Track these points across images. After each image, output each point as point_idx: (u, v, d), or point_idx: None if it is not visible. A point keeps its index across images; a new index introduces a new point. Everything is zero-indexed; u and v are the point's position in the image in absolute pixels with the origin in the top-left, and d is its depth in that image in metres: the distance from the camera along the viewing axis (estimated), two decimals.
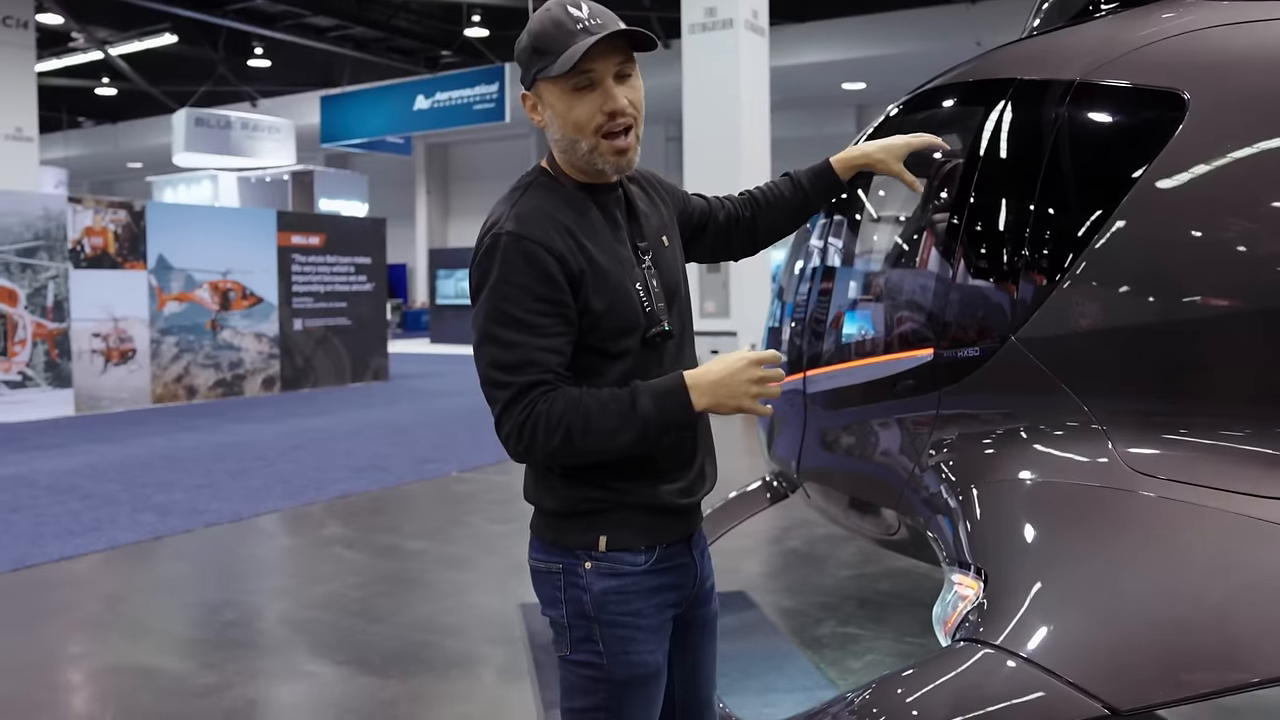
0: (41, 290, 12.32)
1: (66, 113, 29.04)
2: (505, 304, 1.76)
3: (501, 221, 1.81)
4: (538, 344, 1.75)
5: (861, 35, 20.47)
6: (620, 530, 1.87)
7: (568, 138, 1.84)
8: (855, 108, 26.54)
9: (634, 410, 1.76)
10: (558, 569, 1.90)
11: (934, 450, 2.71)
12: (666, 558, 1.93)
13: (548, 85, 1.82)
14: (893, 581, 5.03)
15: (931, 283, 2.84)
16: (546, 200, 1.85)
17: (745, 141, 12.25)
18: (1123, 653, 1.83)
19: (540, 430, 1.73)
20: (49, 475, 8.47)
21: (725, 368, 1.82)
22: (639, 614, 1.89)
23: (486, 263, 1.79)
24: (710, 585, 2.11)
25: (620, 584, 1.87)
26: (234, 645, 4.48)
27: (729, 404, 1.83)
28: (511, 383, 1.74)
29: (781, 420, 4.03)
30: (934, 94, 3.39)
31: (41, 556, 5.91)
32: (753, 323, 12.42)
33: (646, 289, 1.90)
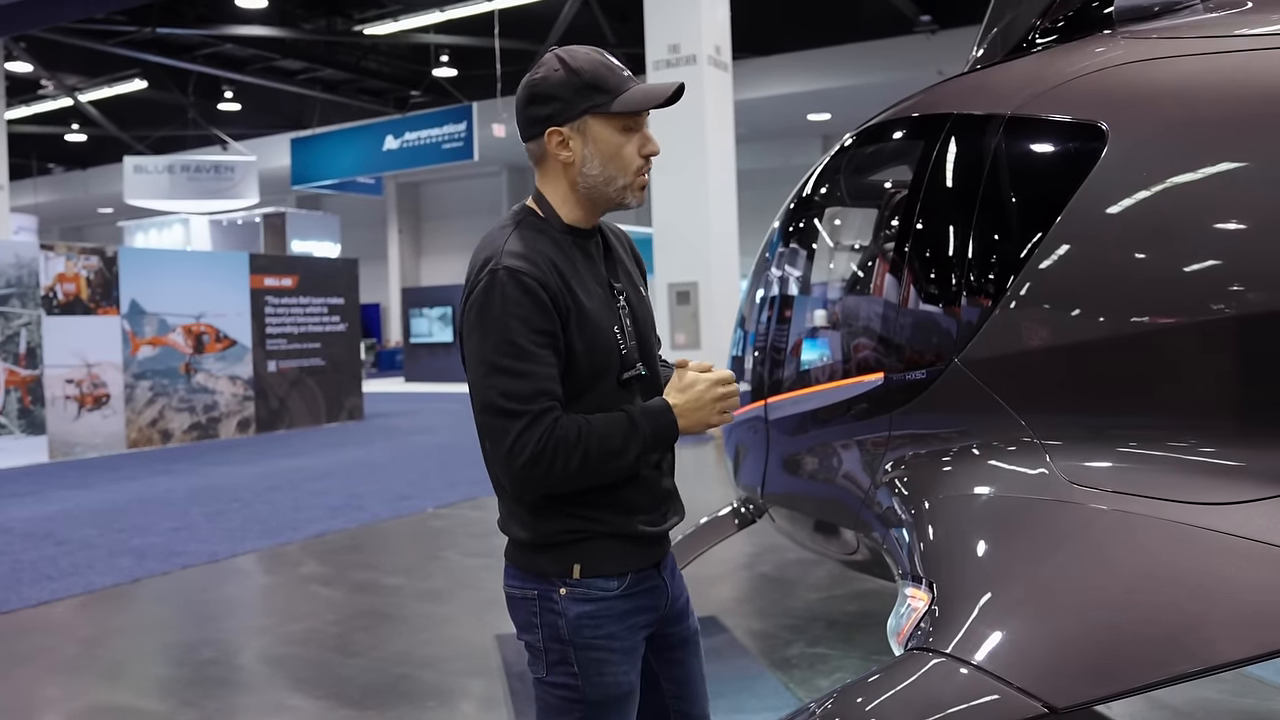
0: (14, 337, 12.32)
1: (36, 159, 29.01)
2: (511, 335, 1.82)
3: (498, 257, 1.87)
4: (544, 373, 1.83)
5: (825, 67, 20.77)
6: (593, 558, 1.95)
7: (607, 173, 1.95)
8: (821, 138, 26.83)
9: (635, 430, 1.88)
10: (533, 595, 1.97)
11: (888, 469, 2.82)
12: (638, 582, 2.01)
13: (600, 121, 1.93)
14: (860, 602, 5.13)
15: (881, 309, 2.96)
16: (536, 239, 1.93)
17: (712, 175, 12.43)
18: (1058, 654, 1.92)
19: (560, 453, 1.81)
20: (24, 522, 8.47)
21: (697, 394, 1.96)
22: (612, 637, 1.97)
23: (486, 297, 1.85)
24: (684, 602, 2.20)
25: (594, 609, 1.95)
26: (213, 683, 4.53)
27: (700, 423, 1.98)
28: (526, 410, 1.80)
29: (745, 447, 4.14)
30: (881, 128, 3.52)
31: (18, 602, 5.93)
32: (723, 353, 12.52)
33: (623, 331, 1.99)
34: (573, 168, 1.95)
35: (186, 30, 18.94)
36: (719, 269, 12.57)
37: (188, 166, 22.79)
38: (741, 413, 4.14)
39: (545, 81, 1.93)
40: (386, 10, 18.88)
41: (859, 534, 3.15)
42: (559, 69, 1.93)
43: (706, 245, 12.44)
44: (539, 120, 1.95)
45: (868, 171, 3.60)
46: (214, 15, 18.89)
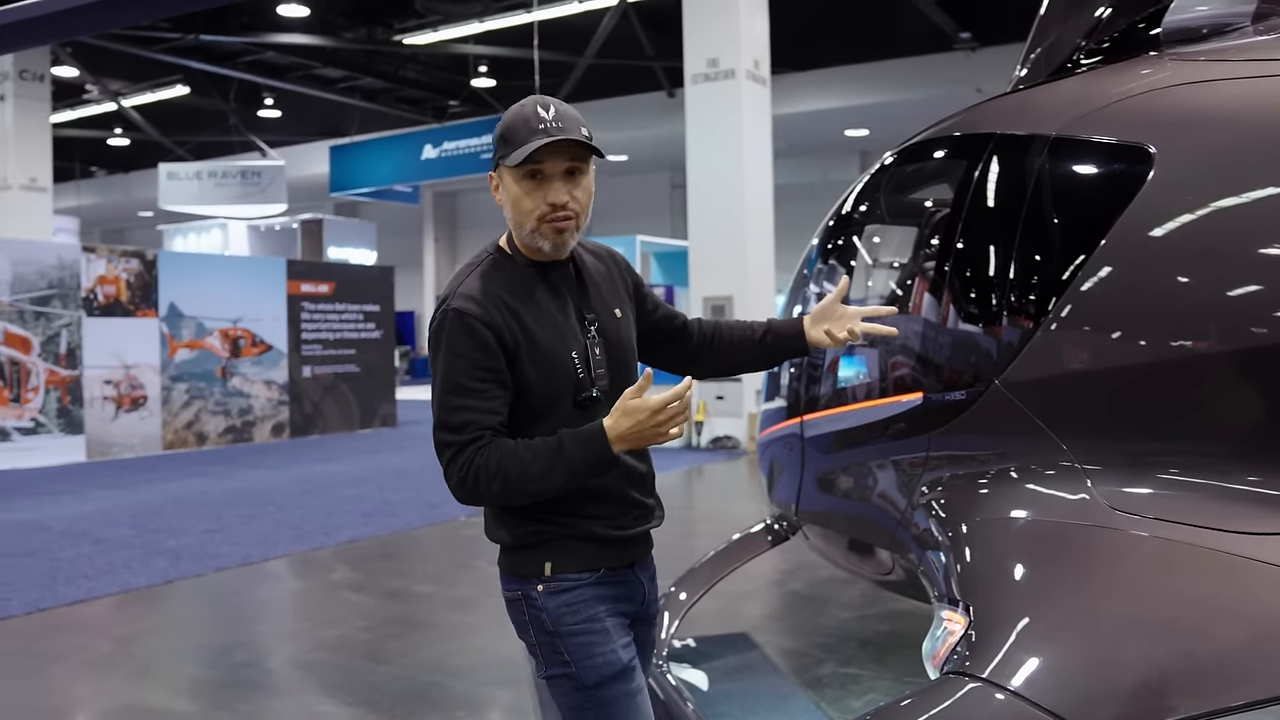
0: (55, 338, 12.48)
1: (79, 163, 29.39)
2: (452, 372, 2.02)
3: (450, 298, 2.06)
4: (478, 405, 2.00)
5: (864, 83, 20.72)
6: (562, 557, 2.10)
7: (517, 219, 2.09)
8: (858, 154, 26.76)
9: (560, 455, 1.99)
10: (519, 595, 2.12)
11: (925, 490, 2.81)
12: (610, 576, 2.14)
13: (506, 171, 2.08)
14: (894, 623, 5.10)
15: (920, 328, 2.94)
16: (493, 278, 2.09)
17: (749, 189, 12.42)
18: (1097, 682, 1.90)
19: (481, 479, 1.97)
20: (62, 520, 8.56)
21: (636, 423, 2.00)
22: (594, 619, 2.09)
23: (437, 336, 2.06)
24: (656, 609, 2.32)
25: (571, 596, 2.08)
26: (245, 686, 4.56)
27: (642, 443, 2.04)
28: (454, 441, 1.99)
29: (780, 464, 4.13)
30: (923, 146, 3.51)
31: (54, 600, 5.99)
32: None
33: (585, 357, 2.12)
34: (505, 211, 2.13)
35: (229, 38, 19.15)
36: (755, 283, 12.55)
37: (215, 172, 23.02)
38: (777, 429, 4.13)
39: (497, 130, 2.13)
40: (426, 20, 19.00)
41: (895, 554, 3.13)
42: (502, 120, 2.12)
43: (742, 259, 12.43)
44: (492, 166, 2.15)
45: (908, 190, 3.59)
46: (256, 23, 19.09)
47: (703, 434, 12.76)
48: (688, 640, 4.72)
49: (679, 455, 12.23)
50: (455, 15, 18.51)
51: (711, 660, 4.54)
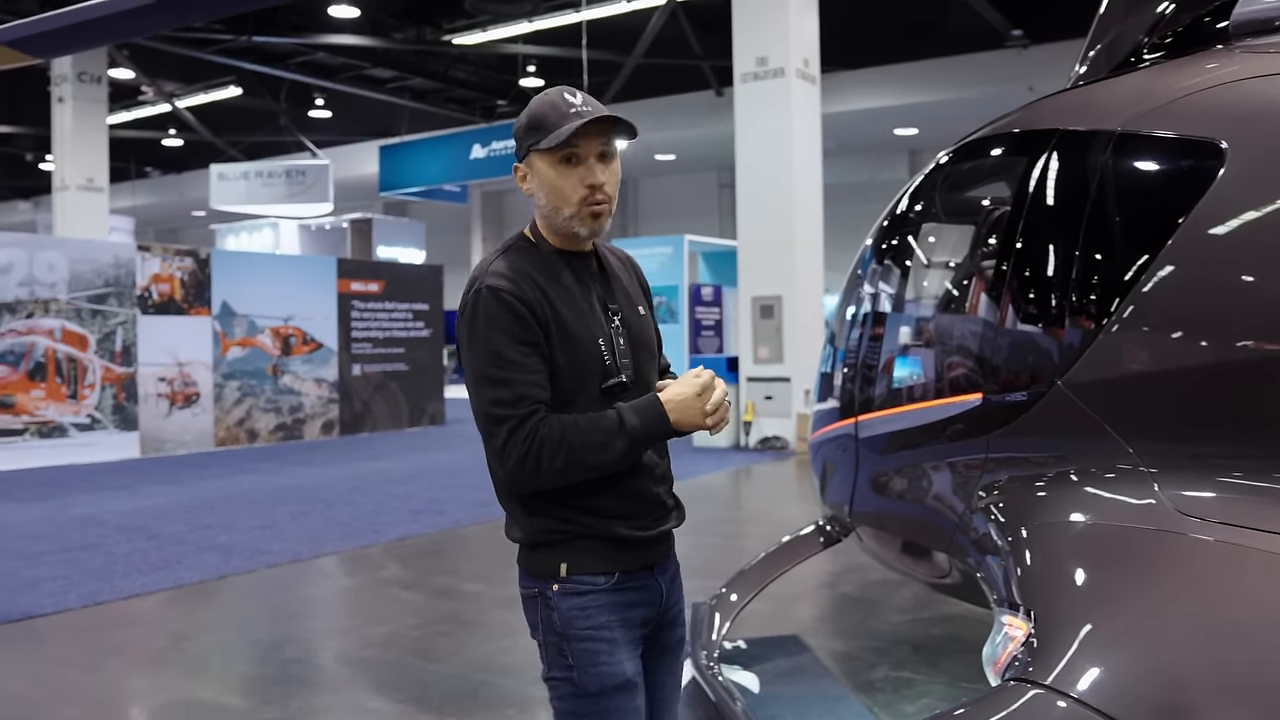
0: (110, 335, 12.67)
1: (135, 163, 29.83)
2: (496, 346, 1.97)
3: (481, 278, 2.03)
4: (527, 379, 1.96)
5: (913, 81, 20.54)
6: (579, 557, 2.05)
7: (552, 204, 2.06)
8: (908, 153, 26.56)
9: (622, 425, 1.97)
10: (534, 593, 2.08)
11: (983, 493, 2.76)
12: (628, 579, 2.09)
13: (539, 157, 2.06)
14: (947, 626, 5.03)
15: (979, 328, 2.90)
16: (521, 260, 2.07)
17: (798, 189, 12.35)
18: (1170, 694, 1.86)
19: (545, 452, 1.92)
20: (117, 515, 8.68)
21: (687, 386, 2.04)
22: (604, 626, 2.04)
23: (472, 315, 2.01)
24: (677, 612, 2.25)
25: (584, 600, 2.04)
26: (295, 682, 4.59)
27: (691, 422, 2.03)
28: (512, 415, 1.94)
29: (833, 465, 4.09)
30: (980, 144, 3.45)
31: (111, 594, 6.07)
32: (806, 368, 12.44)
33: (610, 345, 2.09)
34: (535, 200, 2.11)
35: (281, 39, 19.34)
36: (804, 283, 12.48)
37: (262, 172, 23.27)
38: (830, 430, 4.09)
39: (518, 121, 2.10)
40: (475, 21, 19.09)
41: (952, 558, 3.09)
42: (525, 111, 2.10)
43: (791, 259, 12.37)
44: (517, 157, 2.13)
45: (966, 188, 3.54)
46: (307, 24, 19.27)
47: (751, 434, 12.71)
48: (738, 642, 4.68)
49: (727, 456, 12.19)
50: (504, 15, 18.57)
51: (762, 662, 4.51)
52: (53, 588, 6.19)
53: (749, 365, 12.74)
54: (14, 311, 11.93)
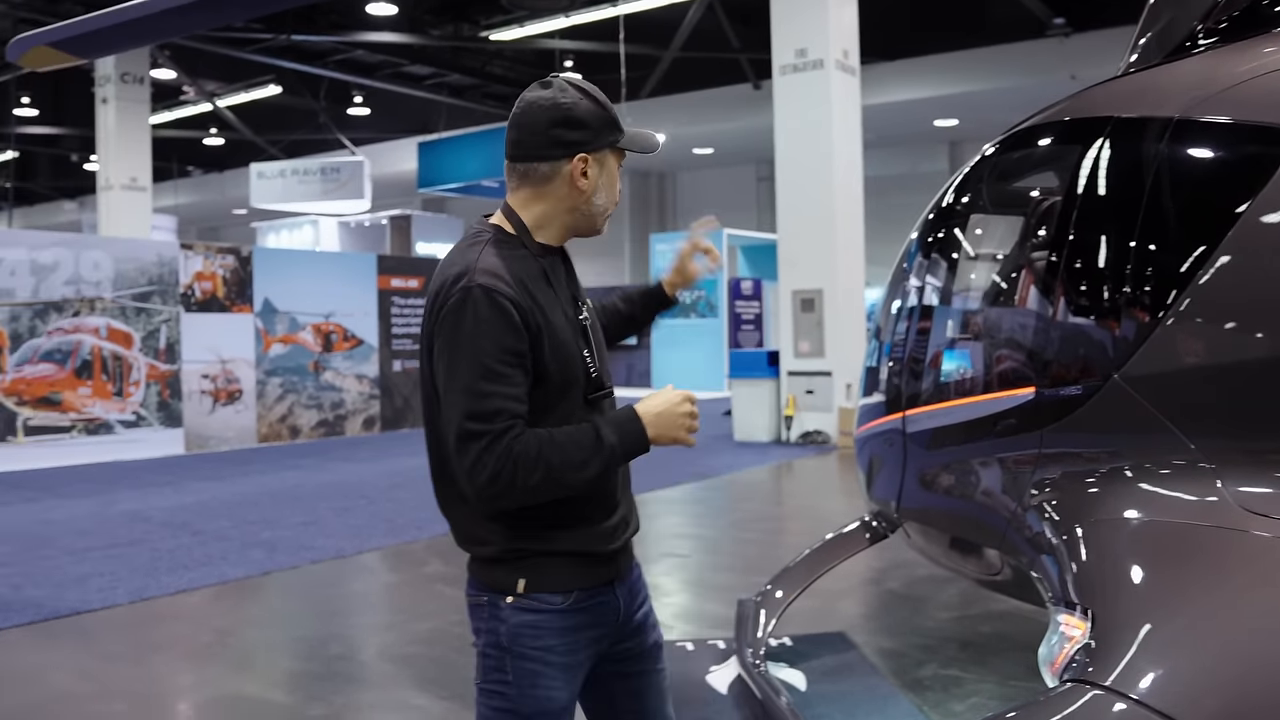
0: (155, 333, 12.80)
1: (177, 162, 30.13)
2: (480, 355, 1.85)
3: (471, 273, 1.89)
4: (508, 393, 1.85)
5: (953, 72, 20.34)
6: (539, 575, 1.97)
7: (605, 204, 2.04)
8: (948, 144, 26.32)
9: (600, 441, 1.89)
10: (484, 601, 2.00)
11: (1036, 489, 2.70)
12: (586, 598, 2.01)
13: (614, 156, 2.03)
14: (995, 623, 4.97)
15: (1031, 320, 2.84)
16: (508, 256, 1.95)
17: (839, 181, 12.26)
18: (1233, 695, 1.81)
19: (521, 469, 1.82)
20: (162, 511, 8.76)
21: (665, 402, 1.97)
22: (550, 650, 1.97)
23: (459, 314, 1.87)
24: (643, 616, 2.16)
25: (536, 619, 1.96)
26: (340, 679, 4.59)
27: (666, 436, 1.96)
28: (487, 430, 1.82)
29: (880, 460, 4.04)
30: (1029, 133, 3.39)
31: (157, 590, 6.12)
32: (847, 362, 12.36)
33: (590, 349, 2.02)
34: (582, 195, 2.00)
35: (319, 37, 19.46)
36: (844, 276, 12.39)
37: (299, 170, 23.44)
38: (876, 425, 4.04)
39: (578, 107, 1.97)
40: (512, 16, 19.10)
41: (1004, 554, 3.03)
42: (583, 99, 1.98)
43: (832, 253, 12.28)
44: (567, 143, 1.97)
45: (1017, 178, 3.47)
46: (346, 22, 19.36)
47: (792, 429, 12.64)
48: (784, 639, 4.64)
49: (768, 450, 12.13)
50: (541, 10, 18.57)
51: (809, 660, 4.46)
52: (100, 583, 6.25)
53: (790, 359, 12.66)
54: (61, 310, 12.08)
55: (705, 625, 5.22)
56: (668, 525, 8.16)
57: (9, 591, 6.09)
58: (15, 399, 11.80)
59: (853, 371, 12.43)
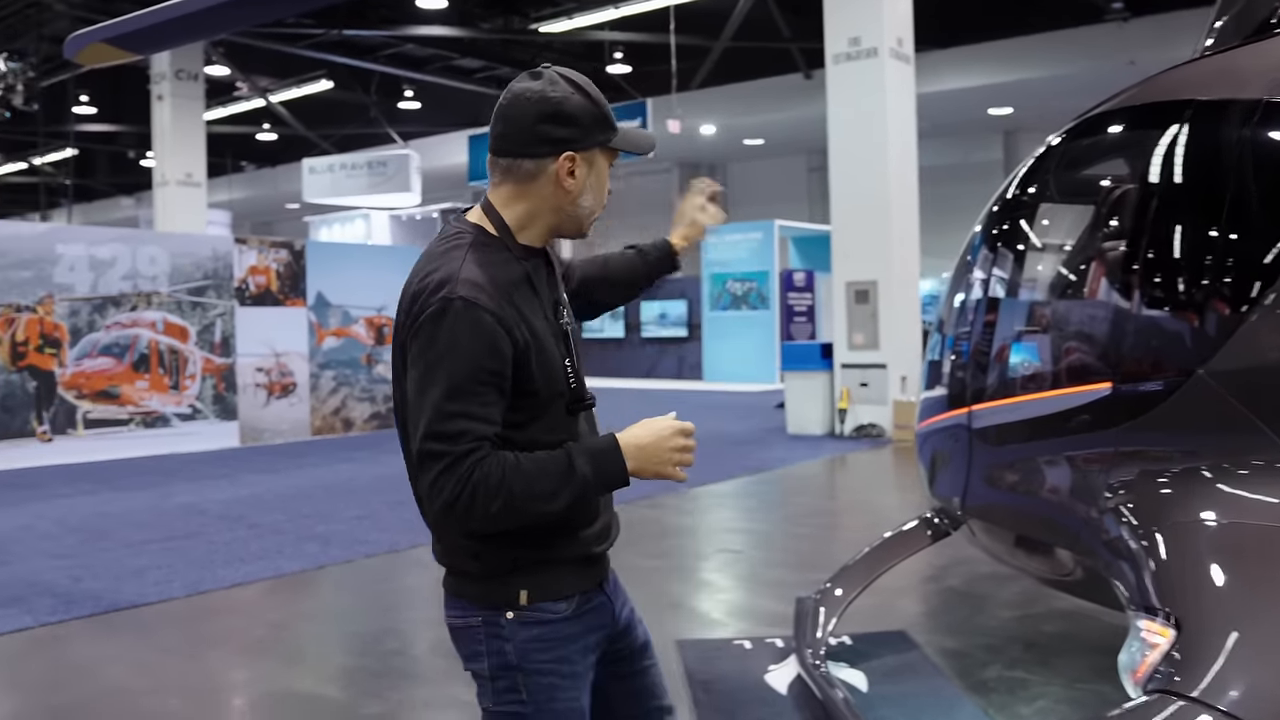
0: (210, 327, 12.91)
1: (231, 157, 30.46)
2: (452, 372, 1.74)
3: (453, 283, 1.78)
4: (477, 413, 1.74)
5: (1008, 59, 20.03)
6: (543, 584, 1.88)
7: (593, 205, 1.92)
8: (1002, 133, 25.96)
9: (572, 472, 1.77)
10: (477, 622, 1.89)
11: (1113, 489, 2.60)
12: (585, 602, 1.94)
13: (603, 155, 1.91)
14: (1059, 623, 4.85)
15: (1108, 314, 2.73)
16: (492, 263, 1.84)
17: (893, 170, 12.09)
18: None
19: (479, 496, 1.71)
20: (218, 504, 8.83)
21: (653, 434, 1.83)
22: (563, 660, 1.89)
23: (435, 326, 1.76)
24: (629, 613, 2.08)
25: (543, 631, 1.87)
26: (395, 675, 4.57)
27: (650, 469, 1.84)
28: (448, 451, 1.72)
29: (944, 456, 3.94)
30: (1100, 120, 3.28)
31: (213, 583, 6.14)
32: (902, 354, 12.20)
33: (571, 358, 1.92)
34: (568, 196, 1.88)
35: (370, 31, 19.55)
36: (899, 268, 12.22)
37: (347, 164, 23.60)
38: (940, 420, 3.94)
39: (568, 102, 1.86)
40: (562, 8, 19.07)
41: (1077, 555, 2.93)
42: (575, 93, 1.87)
43: (887, 243, 12.12)
44: (555, 140, 1.85)
45: (1089, 166, 3.36)
46: (396, 16, 19.43)
47: (846, 422, 12.51)
48: (843, 638, 4.56)
49: (821, 444, 12.01)
50: (590, 2, 18.53)
51: (869, 660, 4.37)
52: (157, 576, 6.28)
53: (844, 351, 12.52)
54: (118, 305, 12.21)
55: (761, 622, 5.15)
56: (720, 520, 8.09)
57: (69, 584, 6.14)
58: (75, 392, 11.95)
59: (908, 364, 12.28)
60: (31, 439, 11.59)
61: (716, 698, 4.02)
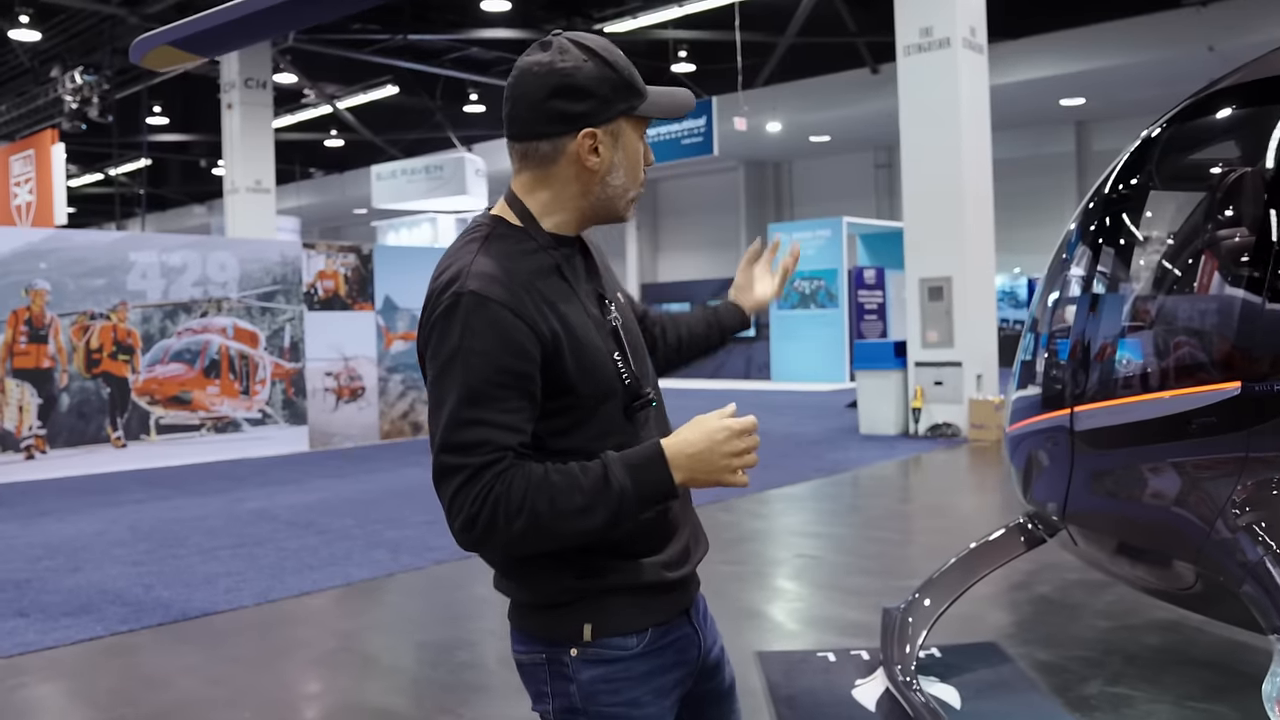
0: (279, 332, 12.97)
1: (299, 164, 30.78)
2: (469, 377, 1.55)
3: (463, 278, 1.59)
4: (498, 420, 1.55)
5: (1081, 48, 19.56)
6: (607, 616, 1.66)
7: (627, 183, 1.69)
8: (1074, 125, 25.40)
9: (608, 485, 1.54)
10: (541, 659, 1.70)
11: (1247, 502, 2.38)
12: (661, 636, 1.71)
13: (630, 125, 1.68)
14: (1161, 635, 4.59)
15: (1236, 307, 2.51)
16: (510, 254, 1.64)
17: (966, 164, 11.79)
18: None
19: (500, 515, 1.52)
20: (288, 510, 8.81)
21: (705, 437, 1.57)
22: (634, 704, 1.68)
23: (446, 324, 1.58)
24: (718, 652, 1.86)
25: (610, 671, 1.66)
26: (466, 688, 4.45)
27: (704, 478, 1.59)
28: (464, 465, 1.54)
29: (1041, 460, 3.72)
30: (1210, 102, 3.05)
31: (283, 591, 6.08)
32: (978, 352, 11.90)
33: (622, 352, 1.69)
34: (594, 175, 1.67)
35: (435, 36, 19.61)
36: (974, 263, 11.91)
37: (408, 170, 23.67)
38: (1035, 422, 3.72)
39: (579, 73, 1.63)
40: (625, 8, 18.97)
41: (1200, 569, 2.71)
42: (588, 60, 1.64)
43: (961, 239, 11.82)
44: (570, 117, 1.63)
45: (1203, 151, 3.13)
46: (461, 20, 19.47)
47: (920, 421, 12.22)
48: (932, 649, 4.35)
49: (895, 444, 11.74)
50: (654, 1, 18.40)
51: (961, 673, 4.16)
52: (228, 584, 6.24)
53: (917, 349, 12.24)
54: (189, 311, 12.30)
55: (843, 633, 4.95)
56: (794, 523, 7.89)
57: (141, 591, 6.12)
58: (148, 398, 12.05)
59: (984, 361, 11.97)
60: (106, 445, 11.71)
61: (800, 714, 3.83)
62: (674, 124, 18.47)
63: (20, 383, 11.16)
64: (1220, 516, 2.47)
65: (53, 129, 18.45)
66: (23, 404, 11.18)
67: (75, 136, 20.61)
